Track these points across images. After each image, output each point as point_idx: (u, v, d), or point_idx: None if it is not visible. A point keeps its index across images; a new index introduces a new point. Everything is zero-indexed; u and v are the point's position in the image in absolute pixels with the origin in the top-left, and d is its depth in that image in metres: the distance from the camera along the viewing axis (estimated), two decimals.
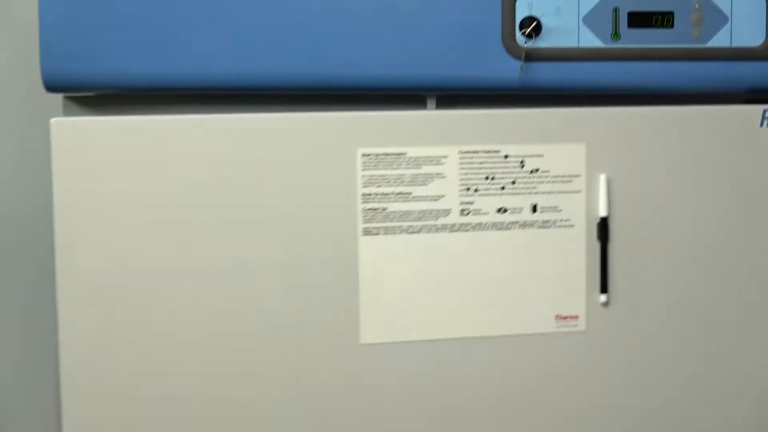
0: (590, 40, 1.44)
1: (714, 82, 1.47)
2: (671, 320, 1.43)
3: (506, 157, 1.38)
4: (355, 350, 1.38)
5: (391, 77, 1.45)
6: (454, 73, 1.45)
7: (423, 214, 1.38)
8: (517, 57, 1.43)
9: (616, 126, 1.40)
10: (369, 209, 1.37)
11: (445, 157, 1.38)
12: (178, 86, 1.49)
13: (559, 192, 1.40)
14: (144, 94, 1.53)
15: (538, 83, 1.47)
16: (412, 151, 1.37)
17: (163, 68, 1.48)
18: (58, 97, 1.57)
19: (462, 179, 1.38)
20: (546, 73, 1.47)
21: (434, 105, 1.50)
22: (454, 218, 1.38)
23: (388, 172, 1.37)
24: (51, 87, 1.53)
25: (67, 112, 1.55)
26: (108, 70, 1.48)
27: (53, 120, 1.31)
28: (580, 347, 1.42)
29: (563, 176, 1.39)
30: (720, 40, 1.46)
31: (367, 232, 1.37)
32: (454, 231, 1.38)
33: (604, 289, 1.41)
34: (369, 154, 1.37)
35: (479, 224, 1.38)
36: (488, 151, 1.38)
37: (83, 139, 1.33)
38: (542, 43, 1.44)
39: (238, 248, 1.36)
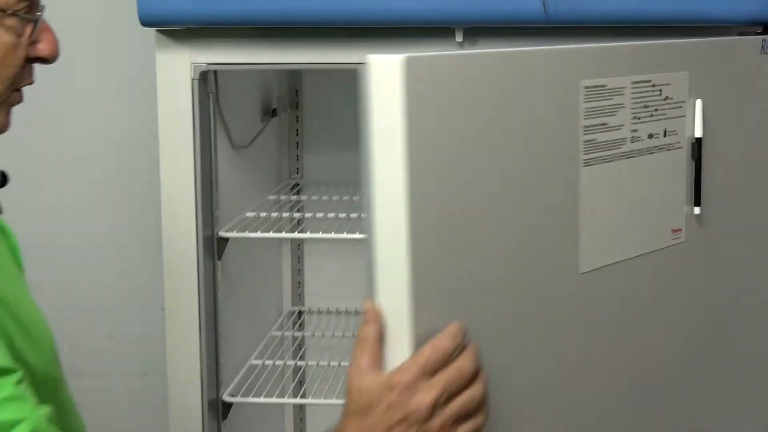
0: None
1: (714, 14, 1.73)
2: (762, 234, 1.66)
3: (654, 85, 1.51)
4: (575, 279, 1.42)
5: (422, 11, 1.66)
6: (481, 6, 1.66)
7: (613, 144, 1.45)
8: None
9: (715, 55, 1.59)
10: (587, 140, 1.41)
11: (624, 87, 1.46)
12: (267, 21, 1.63)
13: (676, 117, 1.55)
14: (235, 28, 1.65)
15: (558, 17, 1.70)
16: (610, 83, 1.44)
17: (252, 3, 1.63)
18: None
19: (632, 108, 1.48)
20: (565, 8, 1.70)
21: (462, 37, 1.68)
22: (628, 146, 1.48)
23: (596, 103, 1.42)
24: (146, 21, 1.61)
25: (160, 48, 1.63)
26: (202, 4, 1.58)
27: (403, 56, 1.17)
28: (680, 258, 1.60)
29: (678, 102, 1.55)
30: None
31: (586, 163, 1.42)
32: (627, 158, 1.48)
33: (697, 202, 1.60)
34: (589, 87, 1.41)
35: (640, 150, 1.50)
36: (646, 81, 1.50)
37: (434, 75, 1.20)
38: None
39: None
